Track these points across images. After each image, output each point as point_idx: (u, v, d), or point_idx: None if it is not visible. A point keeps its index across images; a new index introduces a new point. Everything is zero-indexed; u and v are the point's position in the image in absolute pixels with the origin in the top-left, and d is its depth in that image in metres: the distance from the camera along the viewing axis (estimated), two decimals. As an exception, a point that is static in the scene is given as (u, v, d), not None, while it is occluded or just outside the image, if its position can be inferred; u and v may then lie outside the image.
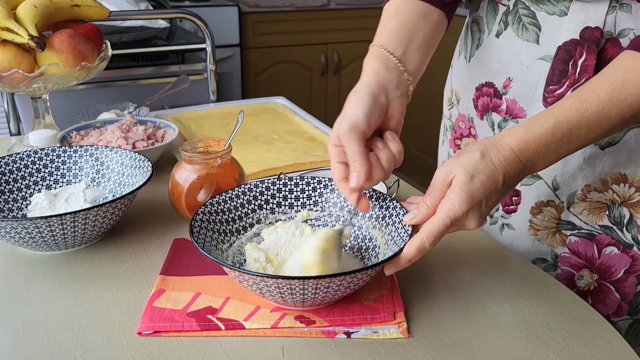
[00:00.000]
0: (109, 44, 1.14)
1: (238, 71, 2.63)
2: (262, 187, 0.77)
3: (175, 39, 1.93)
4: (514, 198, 0.88)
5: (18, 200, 0.86)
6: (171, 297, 0.67)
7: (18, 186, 0.86)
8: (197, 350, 0.60)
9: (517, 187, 0.86)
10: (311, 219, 0.77)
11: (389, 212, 0.71)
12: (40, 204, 0.82)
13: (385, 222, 0.71)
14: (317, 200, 0.77)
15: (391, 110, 0.70)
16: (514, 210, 0.88)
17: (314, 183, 0.78)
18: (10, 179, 0.86)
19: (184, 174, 0.82)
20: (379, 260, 0.63)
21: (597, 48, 0.73)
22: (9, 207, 0.84)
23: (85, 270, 0.74)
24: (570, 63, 0.75)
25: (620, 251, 0.81)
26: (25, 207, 0.86)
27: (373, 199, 0.74)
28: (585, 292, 0.85)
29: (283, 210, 0.78)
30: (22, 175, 0.87)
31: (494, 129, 0.88)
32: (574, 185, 0.81)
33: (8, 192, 0.85)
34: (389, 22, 0.78)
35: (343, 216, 0.76)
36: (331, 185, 0.77)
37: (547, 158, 0.65)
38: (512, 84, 0.83)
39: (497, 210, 0.91)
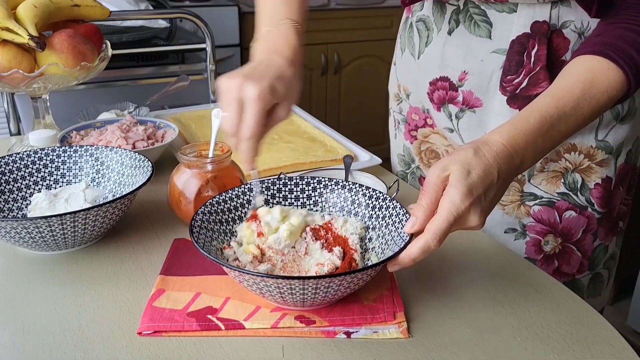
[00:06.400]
0: (109, 44, 1.14)
1: (238, 71, 2.63)
2: (262, 187, 0.77)
3: (175, 39, 1.93)
4: None
5: (18, 200, 0.86)
6: (171, 297, 0.67)
7: (18, 186, 0.86)
8: (197, 350, 0.60)
9: None
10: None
11: (389, 212, 0.71)
12: (40, 204, 0.82)
13: (385, 222, 0.71)
14: (317, 200, 0.77)
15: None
16: None
17: (314, 183, 0.78)
18: (10, 179, 0.86)
19: (184, 178, 0.81)
20: (379, 260, 0.62)
21: (546, 39, 0.81)
22: (9, 207, 0.84)
23: (85, 270, 0.74)
24: (525, 54, 0.83)
25: (577, 214, 0.90)
26: (25, 207, 0.86)
27: (373, 199, 0.74)
28: (552, 256, 0.92)
29: (283, 210, 0.78)
30: (22, 175, 0.87)
31: (451, 119, 0.95)
32: None
33: (8, 192, 0.85)
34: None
35: (343, 216, 0.76)
36: (331, 185, 0.77)
37: (535, 152, 0.68)
38: (468, 76, 0.90)
39: None
